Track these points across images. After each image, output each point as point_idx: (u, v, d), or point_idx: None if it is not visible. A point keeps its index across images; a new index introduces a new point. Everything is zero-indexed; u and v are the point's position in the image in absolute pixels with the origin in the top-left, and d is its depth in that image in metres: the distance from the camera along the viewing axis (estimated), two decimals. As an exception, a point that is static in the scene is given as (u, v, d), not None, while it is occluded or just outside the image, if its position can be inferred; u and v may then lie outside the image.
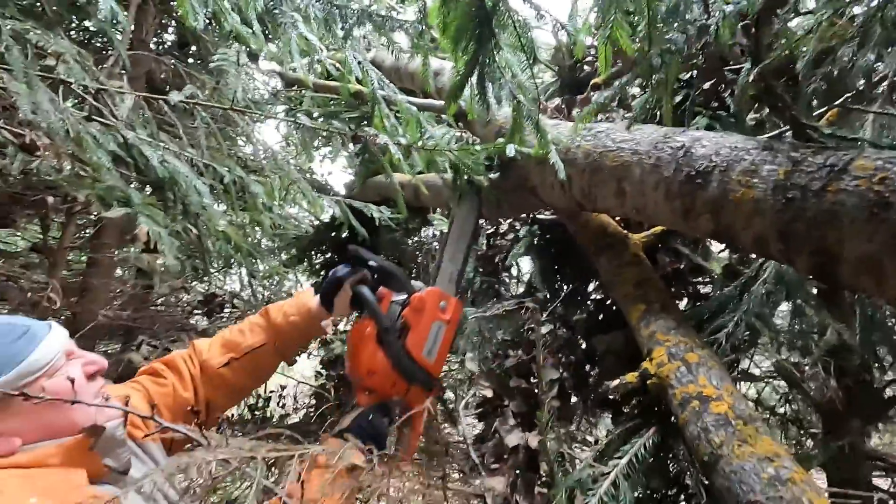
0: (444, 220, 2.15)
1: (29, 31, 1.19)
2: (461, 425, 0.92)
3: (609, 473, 0.74)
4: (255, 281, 2.61)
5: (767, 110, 1.00)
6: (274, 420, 2.73)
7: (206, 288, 2.56)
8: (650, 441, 0.78)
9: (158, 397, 1.08)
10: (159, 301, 2.74)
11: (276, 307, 1.22)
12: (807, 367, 0.90)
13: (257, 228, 2.29)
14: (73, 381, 0.79)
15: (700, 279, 1.21)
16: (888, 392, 1.00)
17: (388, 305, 1.06)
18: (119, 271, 2.79)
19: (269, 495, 0.74)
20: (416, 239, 2.94)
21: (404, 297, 1.06)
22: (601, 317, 1.20)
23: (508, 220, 2.04)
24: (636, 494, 0.73)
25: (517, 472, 0.79)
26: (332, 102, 1.64)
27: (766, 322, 0.92)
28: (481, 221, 1.87)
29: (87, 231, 2.41)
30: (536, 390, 1.01)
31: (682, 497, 0.77)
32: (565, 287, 1.57)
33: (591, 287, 1.53)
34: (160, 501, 0.89)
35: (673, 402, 0.76)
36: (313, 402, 2.88)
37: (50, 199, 1.57)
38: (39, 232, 2.36)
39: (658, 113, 1.29)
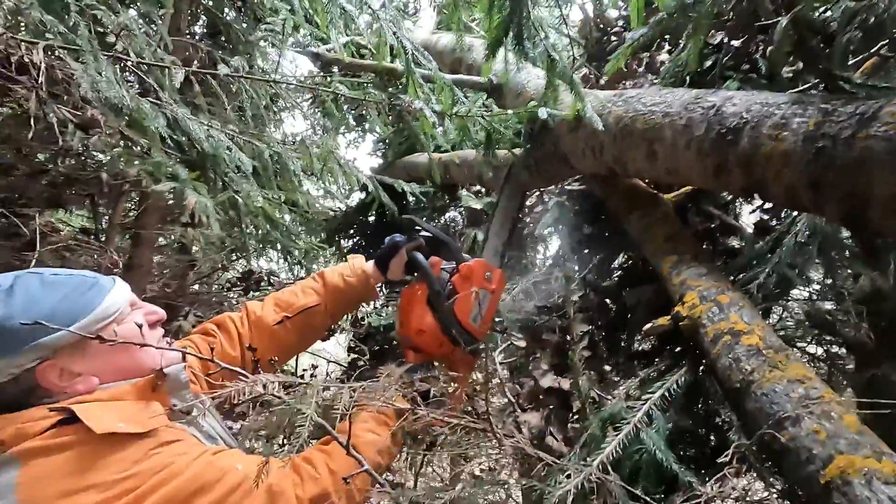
0: (471, 196, 2.19)
1: (94, 6, 1.27)
2: (496, 372, 0.97)
3: (644, 405, 0.77)
4: (291, 258, 2.71)
5: (801, 65, 1.01)
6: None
7: (244, 266, 2.68)
8: (682, 378, 0.82)
9: (208, 354, 1.16)
10: (199, 281, 2.87)
11: (331, 270, 1.31)
12: (840, 316, 0.91)
13: (292, 208, 2.37)
14: (140, 326, 0.88)
15: (731, 238, 1.23)
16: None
17: (438, 272, 1.13)
18: (159, 257, 2.93)
19: (322, 431, 0.81)
20: (446, 217, 3.00)
21: (454, 265, 1.13)
22: (630, 279, 1.22)
23: (537, 192, 2.07)
24: (668, 429, 0.77)
25: (551, 408, 0.83)
26: (365, 82, 1.69)
27: (800, 271, 0.93)
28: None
29: (133, 212, 2.54)
30: (568, 344, 1.04)
31: (713, 436, 0.80)
32: (595, 258, 1.60)
33: (619, 259, 1.56)
34: (218, 441, 0.97)
35: (705, 339, 0.79)
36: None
37: (104, 176, 1.67)
38: (88, 216, 2.50)
39: (687, 78, 1.30)
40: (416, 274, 1.16)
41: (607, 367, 1.03)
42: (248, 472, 0.79)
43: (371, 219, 3.08)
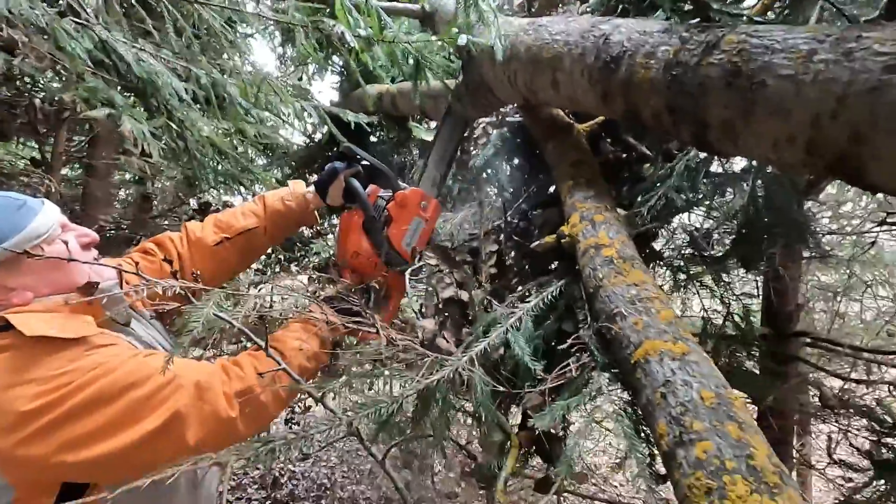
0: (418, 126, 2.21)
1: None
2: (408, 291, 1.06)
3: (519, 312, 0.87)
4: (249, 191, 2.72)
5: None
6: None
7: (201, 198, 2.70)
8: (557, 290, 0.91)
9: (147, 272, 1.22)
10: (159, 216, 2.87)
11: (272, 194, 1.35)
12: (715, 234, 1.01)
13: (244, 139, 2.35)
14: (66, 243, 0.93)
15: (645, 166, 1.29)
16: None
17: (375, 199, 1.20)
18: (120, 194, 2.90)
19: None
20: (404, 154, 3.00)
21: (391, 193, 1.19)
22: (543, 204, 1.30)
23: (482, 125, 2.10)
24: (538, 334, 0.87)
25: (446, 315, 0.93)
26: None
27: (683, 193, 1.01)
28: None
29: (83, 142, 2.49)
30: (477, 262, 1.13)
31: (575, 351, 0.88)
32: (524, 187, 1.67)
33: (553, 188, 1.63)
34: (158, 349, 1.05)
35: (578, 253, 0.88)
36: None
37: (37, 102, 1.64)
38: (36, 147, 2.45)
39: (620, 6, 1.31)
40: (353, 200, 1.21)
41: (513, 283, 1.12)
42: (179, 370, 0.87)
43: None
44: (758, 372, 1.40)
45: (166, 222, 2.64)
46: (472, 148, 2.08)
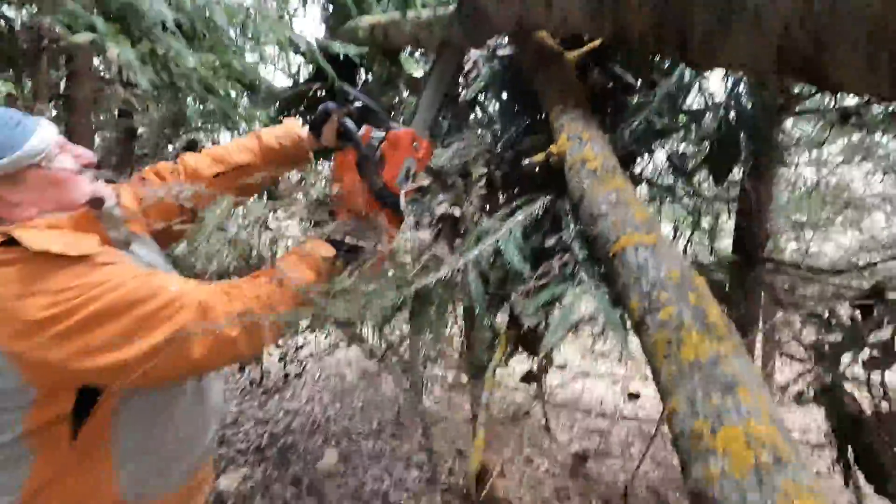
0: (410, 60, 2.19)
1: None
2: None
3: (509, 222, 0.94)
4: (236, 131, 2.69)
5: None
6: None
7: (188, 137, 2.67)
8: (544, 205, 0.99)
9: (146, 198, 1.25)
10: (143, 156, 2.84)
11: (267, 131, 1.37)
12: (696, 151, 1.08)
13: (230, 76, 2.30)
14: (66, 166, 0.96)
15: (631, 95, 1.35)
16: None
17: (368, 139, 1.22)
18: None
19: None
20: (395, 92, 2.97)
21: (383, 133, 1.21)
22: (532, 131, 1.35)
23: (473, 59, 2.10)
24: (527, 244, 0.95)
25: (440, 228, 1.01)
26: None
27: (663, 117, 1.07)
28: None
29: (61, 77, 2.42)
30: (467, 183, 1.19)
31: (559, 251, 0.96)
32: (523, 118, 1.71)
33: (540, 117, 1.67)
34: (158, 268, 1.10)
35: (566, 168, 0.95)
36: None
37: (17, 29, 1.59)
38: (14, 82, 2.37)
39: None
40: (347, 140, 1.24)
41: (502, 202, 1.20)
42: (183, 290, 0.91)
43: (324, 93, 3.03)
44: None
45: (151, 159, 2.62)
46: (463, 82, 2.10)
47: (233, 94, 2.67)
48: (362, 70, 2.41)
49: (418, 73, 2.19)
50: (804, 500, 0.41)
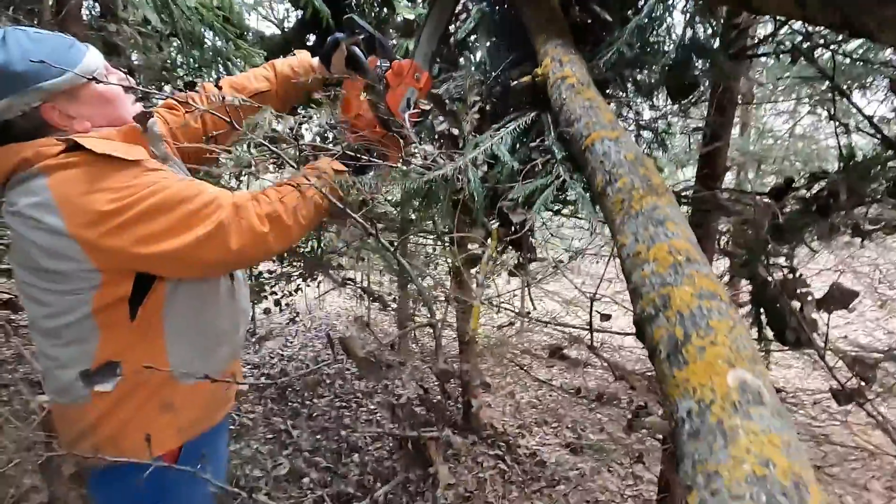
0: (406, 6, 2.29)
1: None
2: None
3: (501, 132, 1.12)
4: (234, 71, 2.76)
5: None
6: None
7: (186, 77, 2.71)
8: (531, 118, 1.17)
9: (174, 125, 1.39)
10: (141, 96, 2.86)
11: (281, 61, 1.49)
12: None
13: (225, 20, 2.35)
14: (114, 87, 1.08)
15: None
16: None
17: (374, 67, 1.34)
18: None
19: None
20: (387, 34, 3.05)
21: (388, 64, 1.33)
22: (521, 63, 1.50)
23: (464, 1, 2.20)
24: (516, 151, 1.13)
25: (441, 142, 1.18)
26: None
27: (633, 48, 1.24)
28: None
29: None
30: (464, 108, 1.35)
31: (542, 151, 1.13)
32: (511, 55, 1.85)
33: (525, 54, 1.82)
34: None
35: (549, 85, 1.12)
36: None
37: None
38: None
39: None
40: (356, 68, 1.37)
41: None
42: (219, 193, 1.06)
43: (312, 39, 3.08)
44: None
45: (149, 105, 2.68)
46: (455, 22, 2.21)
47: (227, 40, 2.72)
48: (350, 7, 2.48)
49: (410, 15, 2.28)
50: (701, 279, 0.62)
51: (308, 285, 5.20)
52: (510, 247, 1.25)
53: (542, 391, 4.65)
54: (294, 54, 1.51)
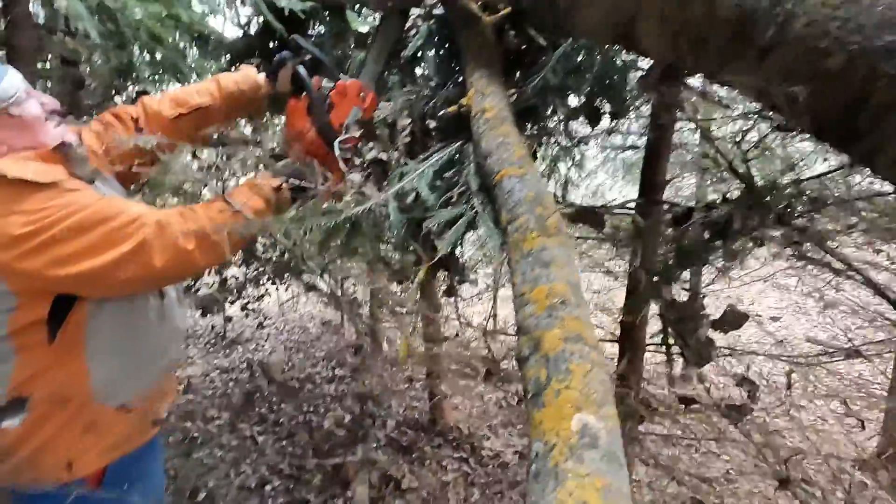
0: (356, 18, 2.30)
1: None
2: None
3: (422, 165, 1.16)
4: (186, 82, 2.73)
5: None
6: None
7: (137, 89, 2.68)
8: (456, 149, 1.21)
9: (108, 141, 1.38)
10: (93, 104, 2.83)
11: (226, 76, 1.49)
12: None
13: (178, 28, 2.34)
14: (34, 112, 1.08)
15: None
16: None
17: (319, 87, 1.36)
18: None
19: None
20: (342, 47, 3.05)
21: (332, 84, 1.35)
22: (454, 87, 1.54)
23: (415, 15, 2.23)
24: (440, 183, 1.17)
25: (369, 171, 1.21)
26: None
27: (555, 73, 1.29)
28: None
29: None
30: (394, 133, 1.38)
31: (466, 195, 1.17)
32: (454, 75, 1.89)
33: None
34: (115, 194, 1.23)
35: (471, 117, 1.16)
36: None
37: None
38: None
39: None
40: (300, 86, 1.38)
41: (426, 148, 1.40)
42: (143, 210, 1.05)
43: (275, 45, 3.07)
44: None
45: (100, 108, 2.64)
46: (405, 39, 2.23)
47: (182, 44, 2.70)
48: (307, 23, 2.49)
49: (364, 27, 2.30)
50: (571, 322, 0.67)
51: (277, 289, 5.16)
52: (441, 270, 1.29)
53: (511, 391, 4.74)
54: (246, 68, 1.52)
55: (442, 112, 1.23)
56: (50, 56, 2.54)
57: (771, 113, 0.72)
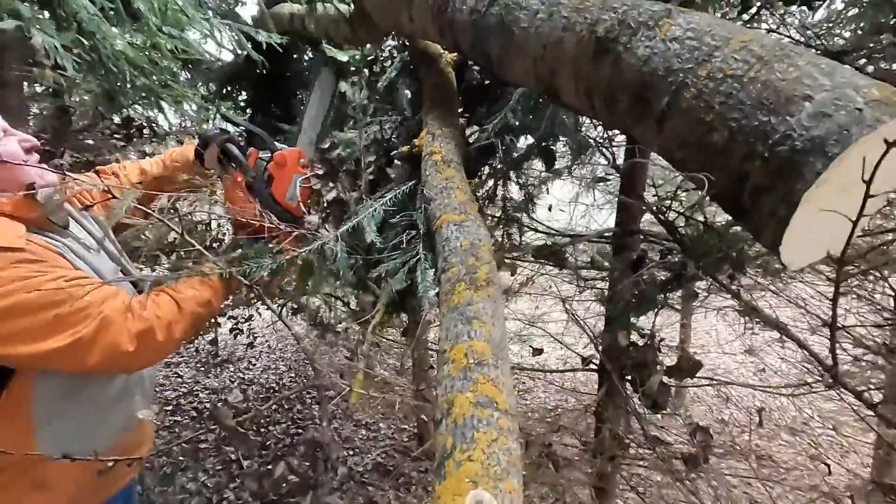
0: (330, 48, 2.33)
1: None
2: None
3: (375, 205, 1.16)
4: (175, 108, 2.75)
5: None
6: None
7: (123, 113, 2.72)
8: (407, 189, 1.20)
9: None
10: (80, 131, 2.87)
11: (170, 152, 1.52)
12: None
13: (161, 56, 2.37)
14: (10, 150, 1.06)
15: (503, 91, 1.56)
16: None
17: (255, 161, 1.33)
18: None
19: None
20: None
21: (269, 154, 1.33)
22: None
23: (390, 47, 2.25)
24: (392, 221, 1.17)
25: (328, 212, 1.21)
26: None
27: (515, 113, 1.30)
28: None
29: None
30: (357, 171, 1.39)
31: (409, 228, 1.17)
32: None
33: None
34: (100, 253, 1.22)
35: (422, 160, 1.16)
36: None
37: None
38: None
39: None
40: (231, 163, 1.35)
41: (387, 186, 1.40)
42: (93, 300, 0.97)
43: (265, 71, 3.11)
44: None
45: (89, 139, 2.68)
46: (379, 70, 2.25)
47: (172, 66, 2.74)
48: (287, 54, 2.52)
49: (343, 57, 2.33)
50: (484, 385, 0.66)
51: (268, 308, 5.13)
52: (396, 308, 1.28)
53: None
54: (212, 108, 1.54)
55: (395, 152, 1.24)
56: (38, 84, 2.59)
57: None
